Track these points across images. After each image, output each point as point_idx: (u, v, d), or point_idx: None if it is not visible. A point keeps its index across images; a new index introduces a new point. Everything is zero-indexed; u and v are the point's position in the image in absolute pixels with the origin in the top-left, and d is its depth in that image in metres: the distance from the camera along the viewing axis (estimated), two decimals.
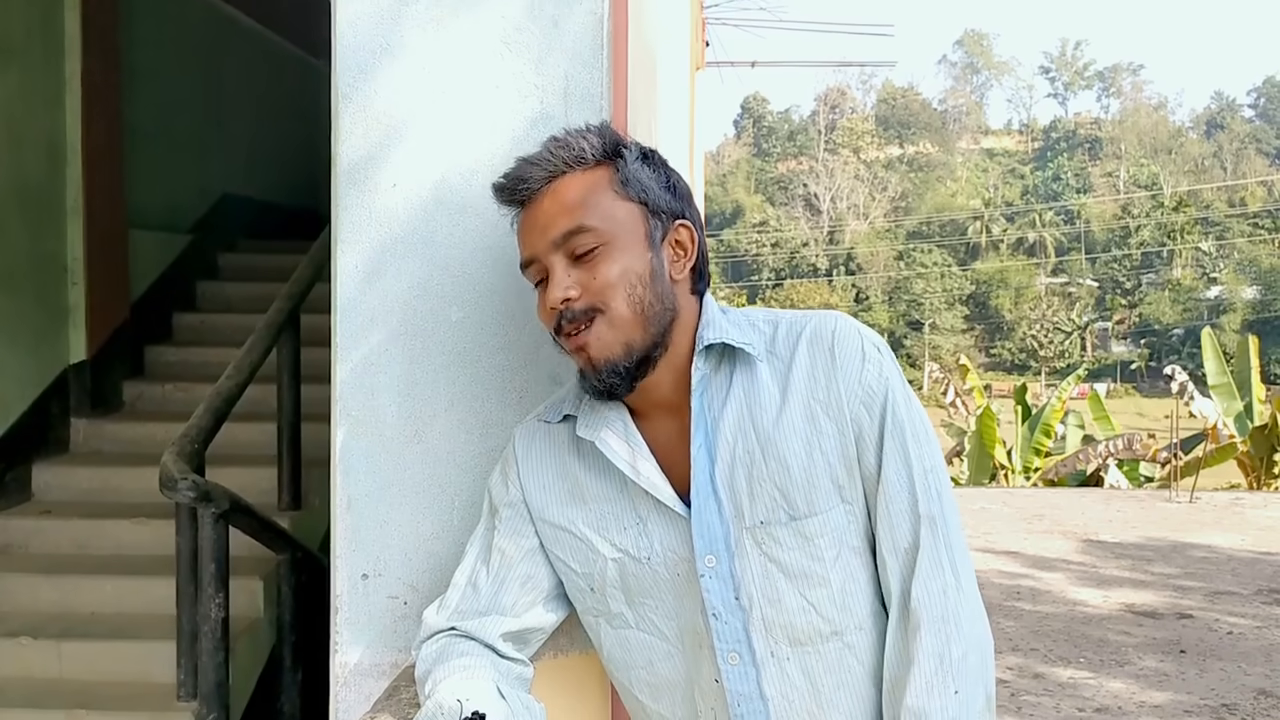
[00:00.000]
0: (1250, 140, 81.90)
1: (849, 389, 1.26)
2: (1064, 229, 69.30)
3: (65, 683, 3.73)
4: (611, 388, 1.26)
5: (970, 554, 1.28)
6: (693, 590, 1.29)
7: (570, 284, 1.25)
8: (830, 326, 1.29)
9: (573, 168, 1.28)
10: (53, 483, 4.70)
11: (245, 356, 3.72)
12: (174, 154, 5.88)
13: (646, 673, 1.35)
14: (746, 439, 1.27)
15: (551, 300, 1.25)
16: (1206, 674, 4.85)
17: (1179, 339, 58.96)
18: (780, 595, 1.26)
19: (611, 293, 1.24)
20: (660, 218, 1.29)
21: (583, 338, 1.25)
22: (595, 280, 1.24)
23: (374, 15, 1.62)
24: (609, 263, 1.25)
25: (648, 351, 1.26)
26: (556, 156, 1.28)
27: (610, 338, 1.24)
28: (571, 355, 1.29)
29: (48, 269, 4.84)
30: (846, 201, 74.89)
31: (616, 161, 1.29)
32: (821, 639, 1.27)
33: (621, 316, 1.24)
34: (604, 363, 1.25)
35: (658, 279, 1.27)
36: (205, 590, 3.19)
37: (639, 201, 1.28)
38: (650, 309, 1.25)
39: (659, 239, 1.29)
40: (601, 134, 1.31)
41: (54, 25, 4.85)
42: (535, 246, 1.28)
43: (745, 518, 1.26)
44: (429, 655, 1.34)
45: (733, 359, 1.30)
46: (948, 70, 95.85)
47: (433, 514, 1.61)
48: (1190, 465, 11.52)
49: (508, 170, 1.31)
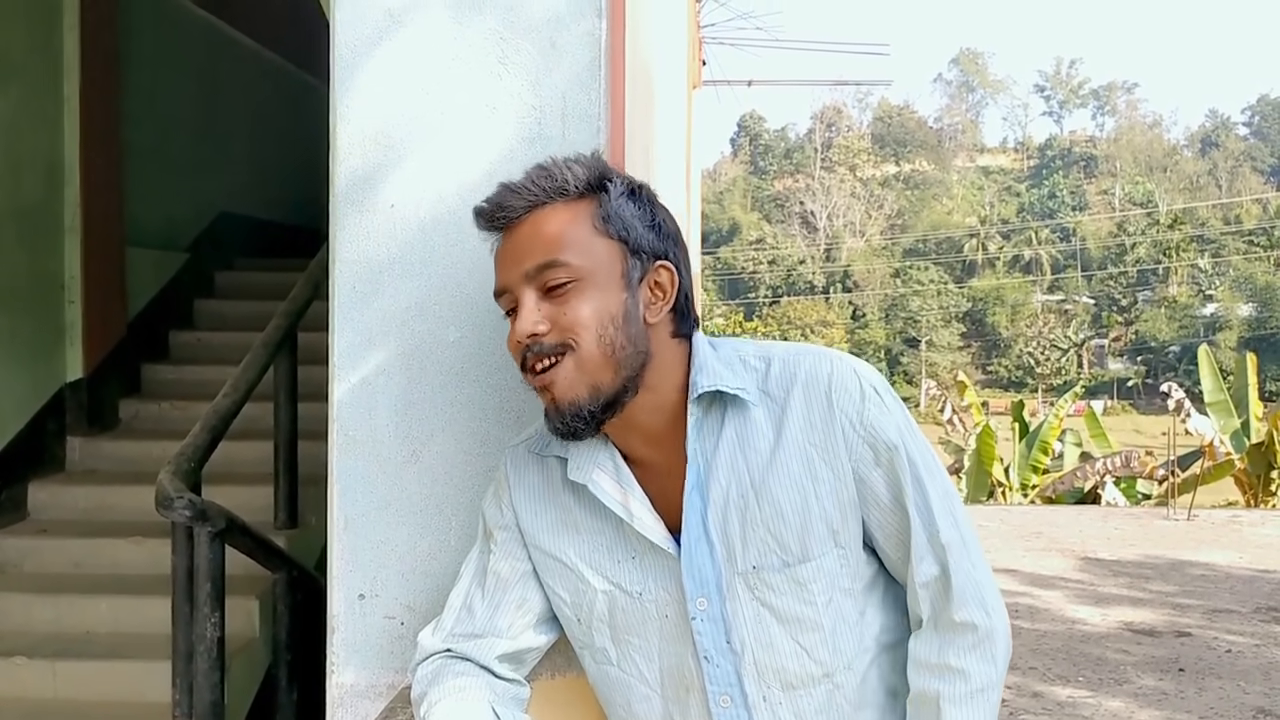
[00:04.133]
0: (1245, 158, 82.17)
1: (848, 432, 1.24)
2: (1060, 246, 69.45)
3: (60, 703, 3.70)
4: (575, 431, 1.22)
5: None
6: (680, 633, 1.27)
7: (539, 319, 1.21)
8: (826, 370, 1.26)
9: (554, 198, 1.24)
10: (48, 501, 4.68)
11: (242, 375, 3.71)
12: (172, 172, 5.88)
13: (624, 711, 1.34)
14: (740, 482, 1.25)
15: (518, 333, 1.22)
16: (1205, 692, 4.83)
17: (1175, 356, 59.00)
18: (773, 640, 1.25)
19: (582, 331, 1.20)
20: (640, 257, 1.25)
21: (549, 376, 1.22)
22: (565, 316, 1.21)
23: (372, 36, 1.63)
24: (581, 300, 1.21)
25: (615, 395, 1.22)
26: (539, 186, 1.24)
27: (576, 378, 1.21)
28: (537, 392, 1.26)
29: (45, 287, 4.84)
30: (843, 219, 75.03)
31: (600, 195, 1.25)
32: (813, 682, 1.26)
33: (590, 357, 1.20)
34: (568, 404, 1.21)
35: (631, 321, 1.23)
36: (201, 609, 3.17)
37: (619, 239, 1.24)
38: (621, 351, 1.21)
39: (637, 279, 1.24)
40: (588, 165, 1.27)
41: (53, 45, 4.87)
42: (508, 276, 1.25)
43: (738, 562, 1.25)
44: (424, 677, 1.34)
45: (724, 400, 1.27)
46: (943, 88, 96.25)
47: (430, 534, 1.61)
48: (1188, 483, 11.50)
49: (490, 195, 1.27)
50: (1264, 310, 59.45)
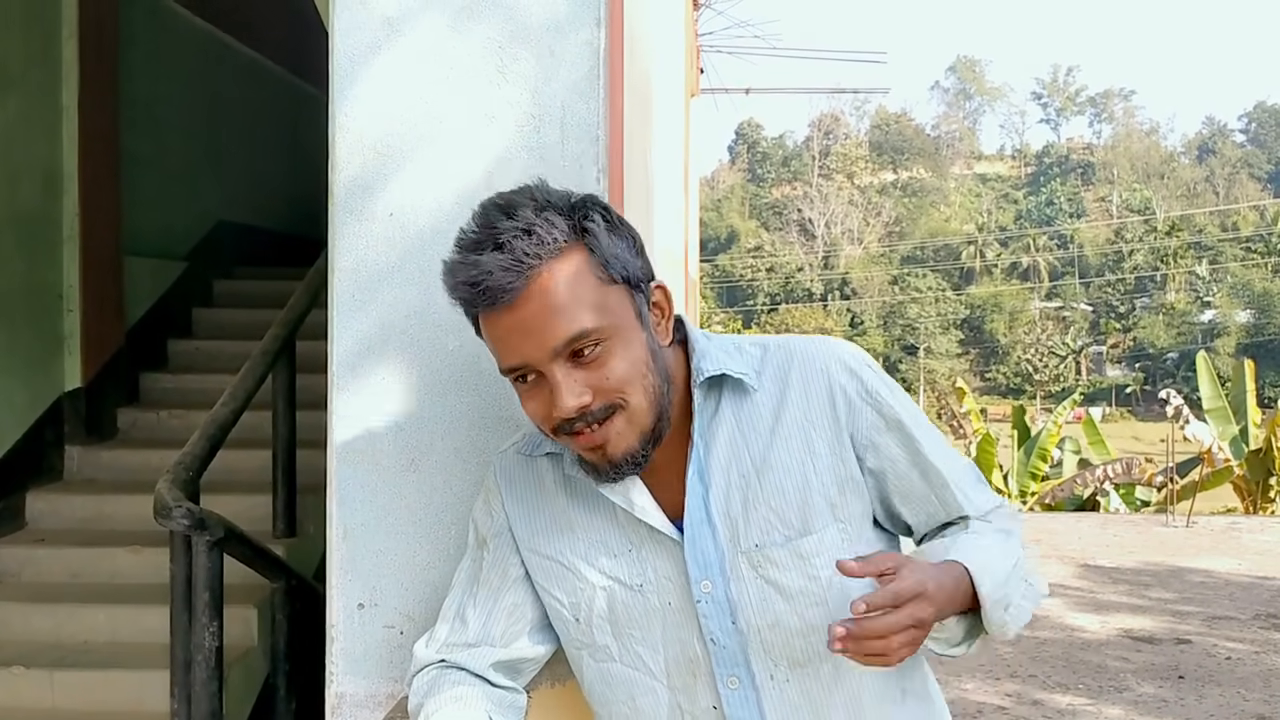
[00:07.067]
0: (1242, 165, 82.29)
1: (855, 404, 1.29)
2: (1057, 253, 69.53)
3: (59, 712, 3.70)
4: (624, 475, 1.22)
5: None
6: (685, 619, 1.28)
7: (580, 390, 1.16)
8: (821, 351, 1.31)
9: (546, 260, 1.15)
10: (47, 511, 4.68)
11: (240, 383, 3.71)
12: (170, 181, 5.89)
13: (627, 707, 1.34)
14: (740, 463, 1.27)
15: (563, 411, 1.16)
16: (1205, 700, 4.82)
17: (1173, 363, 59.06)
18: (779, 617, 1.26)
19: (628, 389, 1.17)
20: (640, 289, 1.23)
21: (599, 435, 1.19)
22: (609, 381, 1.16)
23: (371, 44, 1.63)
24: (615, 359, 1.17)
25: (659, 430, 1.22)
26: (529, 252, 1.14)
27: (629, 431, 1.19)
28: (578, 452, 1.23)
29: (43, 296, 4.84)
30: (841, 226, 75.09)
31: (586, 239, 1.19)
32: (820, 660, 1.27)
33: (639, 409, 1.19)
34: (623, 456, 1.20)
35: (656, 357, 1.21)
36: (199, 619, 3.16)
37: (622, 281, 1.20)
38: (658, 390, 1.21)
39: (645, 311, 1.23)
40: (559, 209, 1.19)
41: (52, 54, 4.87)
42: (526, 355, 1.17)
43: (740, 541, 1.26)
44: (421, 688, 1.34)
45: (722, 385, 1.29)
46: (940, 96, 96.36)
47: (429, 543, 1.60)
48: (1187, 489, 11.49)
49: (472, 276, 1.16)
50: (1261, 317, 59.53)
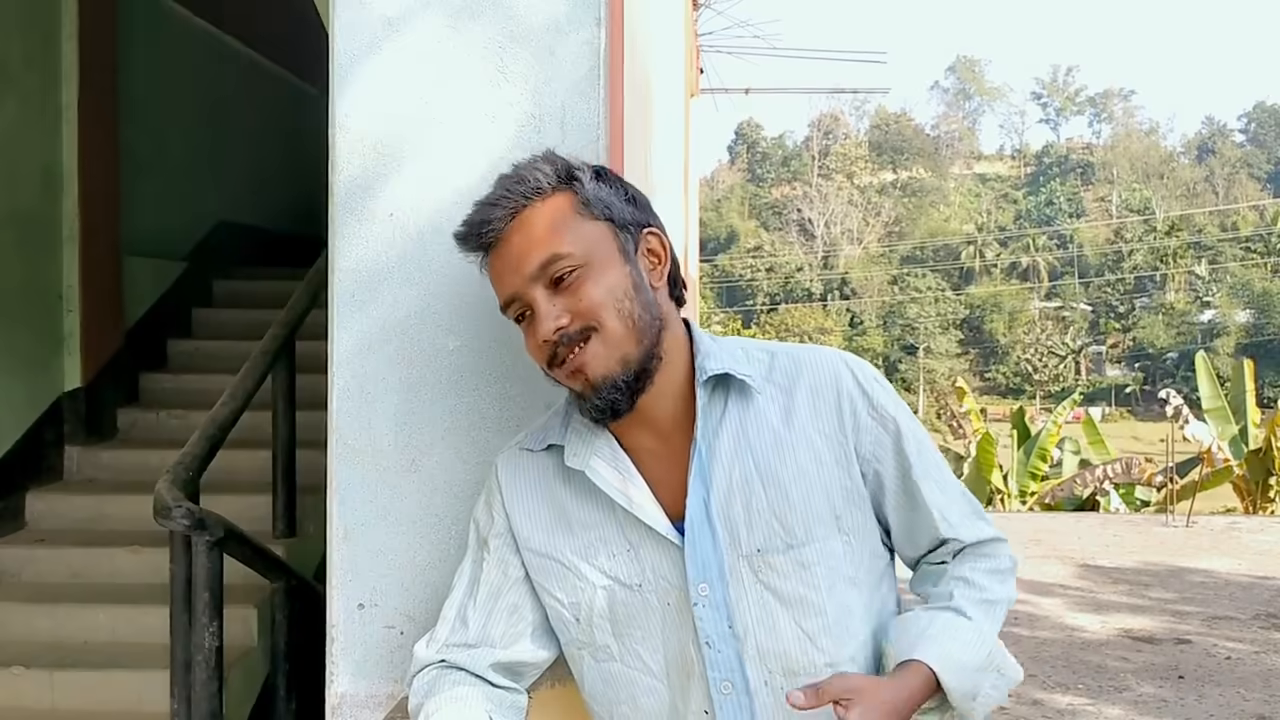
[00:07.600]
0: (1241, 165, 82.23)
1: (861, 418, 1.30)
2: (1057, 253, 69.49)
3: (58, 713, 3.69)
4: (613, 404, 1.25)
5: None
6: (683, 620, 1.28)
7: (558, 312, 1.25)
8: (831, 362, 1.32)
9: (532, 200, 1.27)
10: (46, 511, 4.67)
11: (240, 383, 3.71)
12: (170, 181, 5.88)
13: (629, 707, 1.34)
14: (744, 467, 1.27)
15: (543, 333, 1.25)
16: (1205, 700, 4.82)
17: (1173, 363, 59.02)
18: (776, 624, 1.26)
19: (601, 311, 1.24)
20: (628, 230, 1.30)
21: (579, 359, 1.25)
22: (582, 303, 1.24)
23: (371, 44, 1.63)
24: (591, 283, 1.25)
25: (644, 364, 1.26)
26: (515, 192, 1.27)
27: (606, 354, 1.24)
28: (567, 383, 1.28)
29: (43, 296, 4.83)
30: (840, 226, 75.04)
31: (573, 185, 1.29)
32: (816, 670, 1.26)
33: (615, 332, 1.24)
34: (603, 380, 1.24)
35: (641, 290, 1.27)
36: (199, 619, 3.16)
37: (604, 218, 1.28)
38: (640, 320, 1.25)
39: (632, 251, 1.29)
40: (551, 161, 1.31)
41: (51, 54, 4.87)
42: (512, 284, 1.27)
43: (741, 545, 1.26)
44: (421, 688, 1.34)
45: (727, 387, 1.30)
46: (940, 96, 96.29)
47: (429, 543, 1.60)
48: (1186, 489, 11.49)
49: (467, 217, 1.31)
50: (1261, 316, 59.50)
